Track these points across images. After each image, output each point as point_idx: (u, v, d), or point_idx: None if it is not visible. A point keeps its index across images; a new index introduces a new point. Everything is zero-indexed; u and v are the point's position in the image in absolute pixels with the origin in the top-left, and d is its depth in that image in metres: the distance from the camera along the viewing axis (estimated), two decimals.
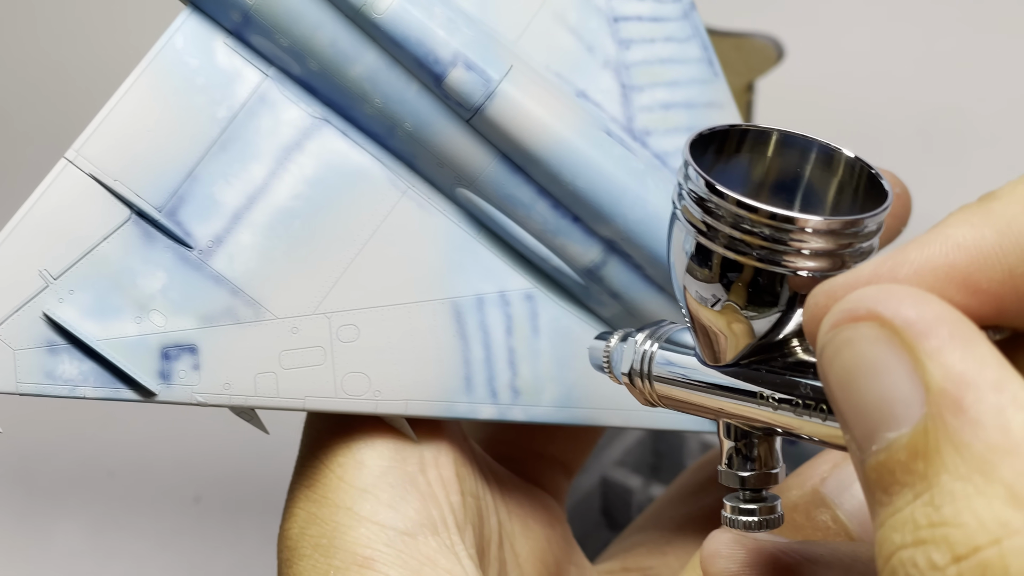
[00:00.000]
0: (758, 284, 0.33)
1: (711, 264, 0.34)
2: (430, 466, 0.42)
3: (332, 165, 0.42)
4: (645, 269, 0.43)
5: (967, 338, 0.27)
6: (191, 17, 0.41)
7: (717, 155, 0.35)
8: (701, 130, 0.35)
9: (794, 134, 0.36)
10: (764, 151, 0.36)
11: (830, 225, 0.32)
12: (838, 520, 0.39)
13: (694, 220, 0.34)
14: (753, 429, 0.35)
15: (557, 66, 0.43)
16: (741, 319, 0.34)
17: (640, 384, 0.38)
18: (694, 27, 0.45)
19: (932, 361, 0.27)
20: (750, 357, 0.35)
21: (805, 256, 0.32)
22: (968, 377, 0.26)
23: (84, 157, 0.40)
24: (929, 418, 0.26)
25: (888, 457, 0.27)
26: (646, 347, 0.38)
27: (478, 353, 0.42)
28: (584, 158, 0.42)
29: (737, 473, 0.36)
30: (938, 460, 0.26)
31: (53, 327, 0.39)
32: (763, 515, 0.36)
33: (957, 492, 0.25)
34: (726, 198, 0.33)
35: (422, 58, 0.41)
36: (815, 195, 0.36)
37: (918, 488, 0.26)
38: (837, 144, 0.35)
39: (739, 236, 0.33)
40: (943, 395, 0.26)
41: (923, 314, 0.27)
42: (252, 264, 0.41)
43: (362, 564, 0.39)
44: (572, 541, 0.47)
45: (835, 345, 0.28)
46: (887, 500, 0.27)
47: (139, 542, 0.69)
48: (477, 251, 0.43)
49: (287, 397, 0.41)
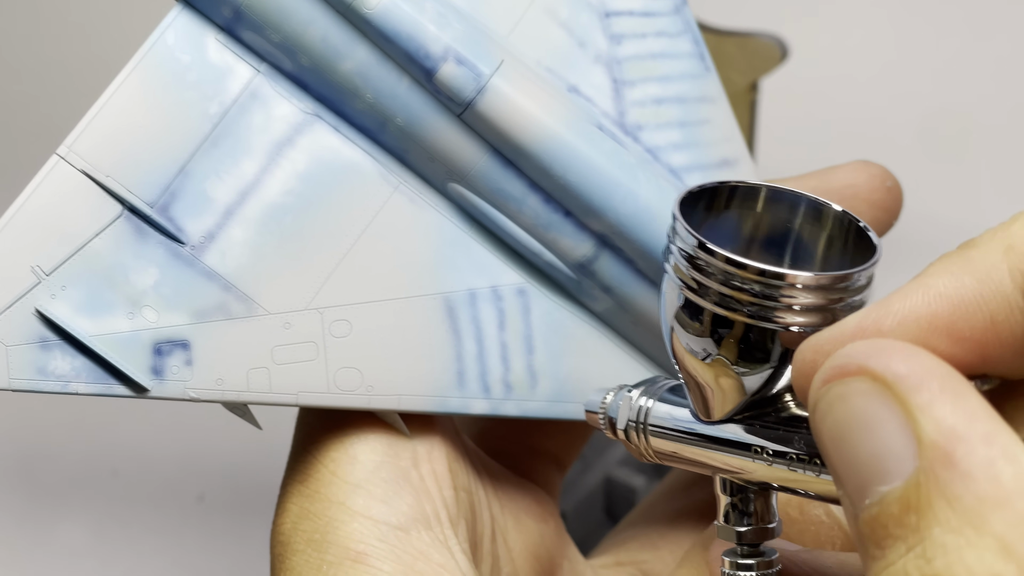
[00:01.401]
0: (749, 340, 0.33)
1: (702, 319, 0.34)
2: (423, 461, 0.42)
3: (324, 160, 0.42)
4: (637, 263, 0.43)
5: (957, 391, 0.27)
6: (182, 13, 0.41)
7: (707, 211, 0.36)
8: (691, 187, 0.35)
9: (783, 189, 0.36)
10: (753, 206, 0.36)
11: (819, 280, 0.32)
12: (831, 514, 0.39)
13: (684, 277, 0.34)
14: (749, 484, 0.36)
15: (548, 61, 0.43)
16: (731, 374, 0.34)
17: (636, 440, 0.38)
18: (685, 22, 0.45)
19: (923, 415, 0.27)
20: (744, 412, 0.35)
21: (796, 312, 0.33)
22: (959, 430, 0.26)
23: (76, 153, 0.40)
24: (921, 471, 0.27)
25: (881, 511, 0.27)
26: (641, 402, 0.38)
27: (470, 348, 0.42)
28: (575, 152, 0.42)
29: (734, 528, 0.36)
30: (930, 513, 0.26)
31: (45, 323, 0.39)
32: (761, 570, 0.36)
33: (949, 545, 0.26)
34: (715, 255, 0.33)
35: (413, 53, 0.41)
36: (805, 249, 0.36)
37: (911, 541, 0.26)
38: (825, 199, 0.35)
39: (729, 293, 0.33)
40: (935, 448, 0.26)
41: (913, 368, 0.27)
42: (244, 260, 0.41)
43: (355, 559, 0.39)
44: (565, 535, 0.47)
45: (827, 401, 0.29)
46: (880, 554, 0.27)
47: (142, 540, 0.69)
48: (469, 246, 0.43)
49: (280, 392, 0.41)
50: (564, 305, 0.44)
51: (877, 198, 0.44)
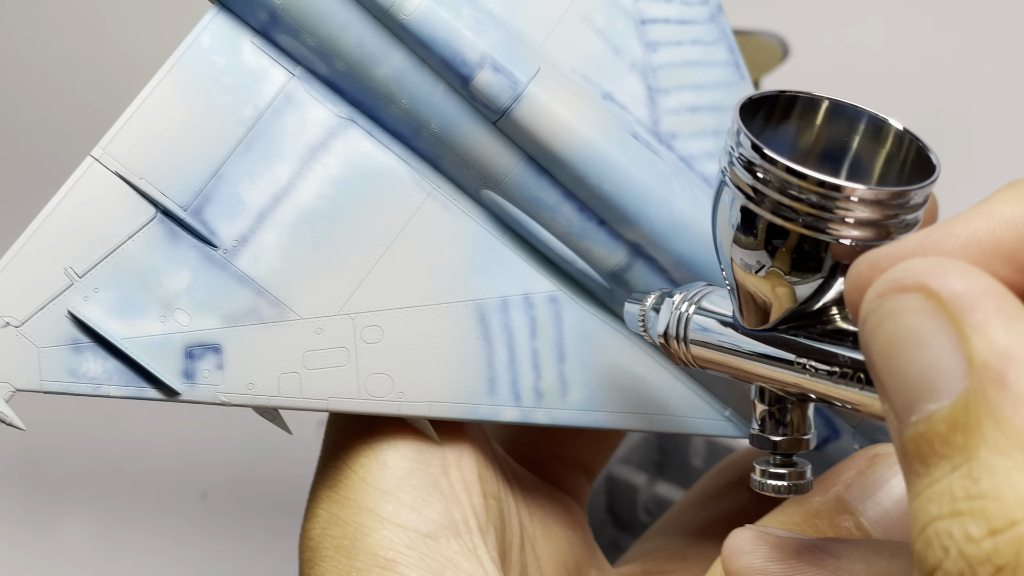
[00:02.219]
0: (802, 250, 0.33)
1: (756, 230, 0.34)
2: (453, 468, 0.41)
3: (357, 165, 0.41)
4: (670, 273, 0.43)
5: (1012, 314, 0.27)
6: (218, 16, 0.41)
7: (766, 121, 0.35)
8: (751, 94, 0.35)
9: (844, 103, 0.35)
10: (813, 119, 0.36)
11: (877, 195, 0.32)
12: (862, 527, 0.39)
13: (742, 185, 0.33)
14: (787, 395, 0.35)
15: (584, 68, 0.43)
16: (784, 283, 0.34)
17: (676, 346, 0.38)
18: (721, 30, 0.45)
19: (976, 334, 0.26)
20: (789, 323, 0.34)
21: (850, 225, 0.32)
22: (1012, 352, 0.26)
23: (110, 155, 0.40)
24: (971, 391, 0.26)
25: (927, 428, 0.27)
26: (682, 309, 0.38)
27: (502, 355, 0.42)
28: (610, 161, 0.42)
29: (769, 437, 0.36)
30: (978, 433, 0.26)
31: (78, 325, 0.39)
32: (792, 480, 0.36)
33: (996, 466, 0.25)
34: (775, 163, 0.33)
35: (449, 59, 0.41)
36: (862, 166, 0.36)
37: (956, 460, 0.26)
38: (886, 116, 0.35)
39: (786, 202, 0.33)
40: (986, 369, 0.26)
41: (969, 287, 0.27)
42: (277, 264, 0.41)
43: (384, 566, 0.39)
44: (593, 544, 0.47)
45: (879, 315, 0.28)
46: (924, 471, 0.27)
47: (145, 538, 0.69)
48: (502, 253, 0.43)
49: (310, 398, 0.41)
50: (596, 314, 0.43)
51: None
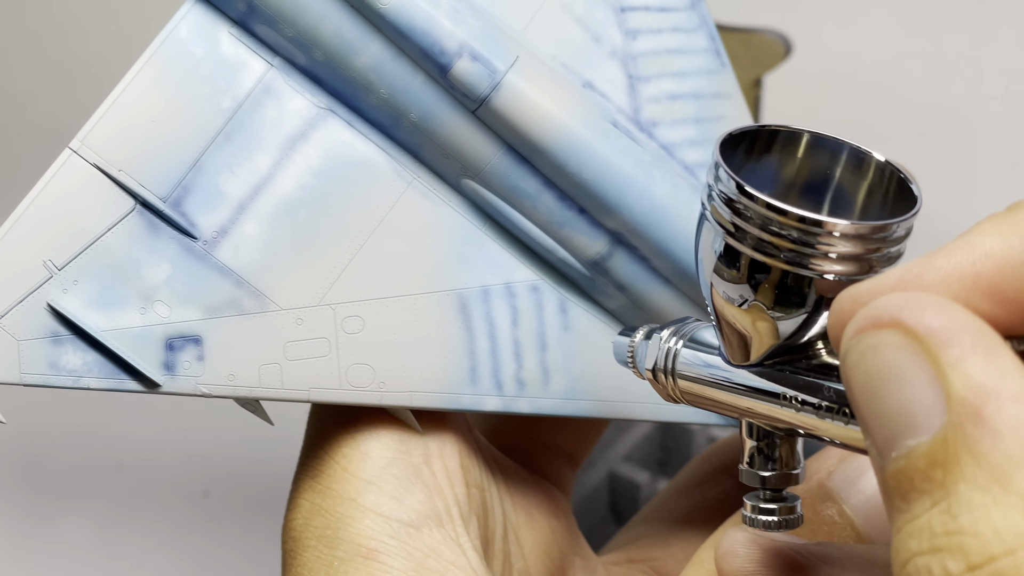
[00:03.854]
0: (785, 286, 0.33)
1: (739, 265, 0.33)
2: (435, 457, 0.41)
3: (337, 155, 0.41)
4: (651, 261, 0.43)
5: (990, 348, 0.27)
6: (196, 6, 0.41)
7: (747, 155, 0.35)
8: (731, 130, 0.35)
9: (825, 136, 0.35)
10: (794, 152, 0.36)
11: (858, 229, 0.32)
12: (844, 515, 0.39)
13: (723, 221, 0.33)
14: (775, 429, 0.35)
15: (564, 57, 0.43)
16: (767, 319, 0.34)
17: (664, 380, 0.38)
18: (701, 17, 0.45)
19: (954, 370, 0.27)
20: (774, 358, 0.35)
21: (832, 260, 0.32)
22: (989, 387, 0.26)
23: (88, 147, 0.40)
24: (949, 427, 0.26)
25: (907, 464, 0.27)
26: (671, 344, 0.38)
27: (483, 345, 0.42)
28: (590, 149, 0.42)
29: (758, 472, 0.36)
30: (957, 469, 0.26)
31: (57, 318, 0.39)
32: (783, 515, 0.36)
33: (974, 501, 0.26)
34: (755, 200, 0.32)
35: (427, 49, 0.41)
36: (844, 198, 0.35)
37: (936, 496, 0.26)
38: (868, 147, 0.35)
39: (767, 238, 0.33)
40: (964, 404, 0.26)
41: (946, 323, 0.27)
42: (257, 255, 0.41)
43: (366, 556, 0.39)
44: (577, 532, 0.47)
45: (858, 351, 0.28)
46: (905, 507, 0.27)
47: (147, 536, 0.69)
48: (483, 242, 0.43)
49: (292, 388, 0.41)
50: (578, 302, 0.43)
51: None
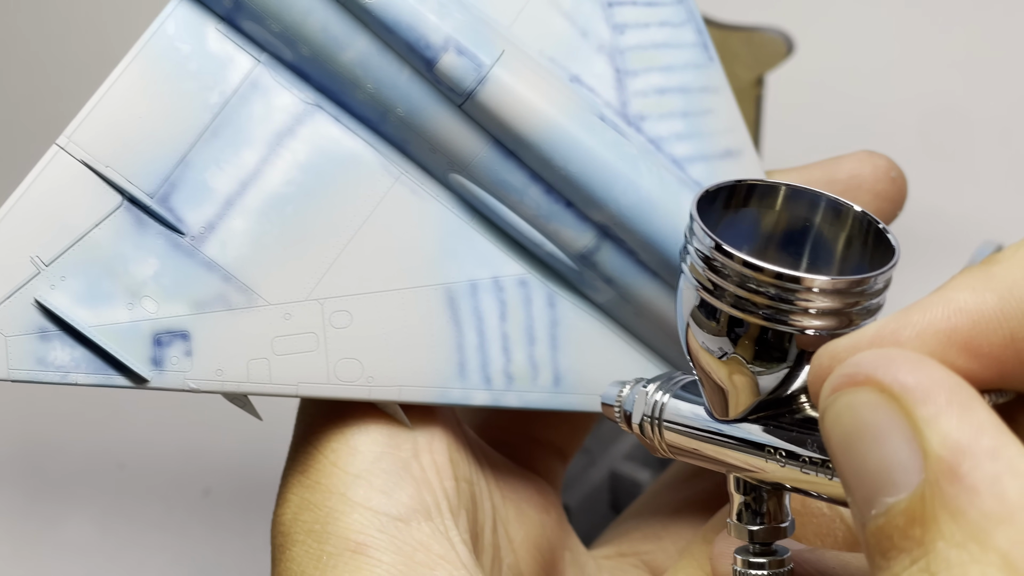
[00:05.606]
0: (765, 341, 0.33)
1: (718, 319, 0.34)
2: (424, 452, 0.41)
3: (325, 151, 0.41)
4: (639, 254, 0.43)
5: (965, 404, 0.27)
6: (182, 3, 0.41)
7: (725, 208, 0.35)
8: (708, 187, 0.35)
9: (802, 188, 0.36)
10: (772, 204, 0.36)
11: (836, 285, 0.32)
12: (833, 508, 0.39)
13: (700, 278, 0.34)
14: (762, 483, 0.35)
15: (551, 51, 0.43)
16: (747, 373, 0.34)
17: (651, 434, 0.38)
18: (689, 12, 0.45)
19: (929, 428, 0.27)
20: (759, 412, 0.35)
21: (812, 315, 0.32)
22: (964, 444, 0.26)
23: (75, 143, 0.40)
24: (926, 484, 0.26)
25: (886, 522, 0.27)
26: (657, 397, 0.38)
27: (472, 339, 0.42)
28: (576, 143, 0.42)
29: (747, 527, 0.36)
30: (935, 527, 0.26)
31: (45, 314, 0.39)
32: (772, 569, 0.36)
33: (952, 559, 0.26)
34: (732, 257, 0.32)
35: (413, 43, 0.41)
36: (824, 247, 0.36)
37: (915, 554, 0.26)
38: (845, 200, 0.35)
39: (745, 295, 0.33)
40: (940, 462, 0.26)
41: (920, 380, 0.27)
42: (244, 250, 0.41)
43: (355, 550, 0.39)
44: (567, 526, 0.47)
45: (835, 409, 0.28)
46: (885, 565, 0.27)
47: (148, 534, 0.69)
48: (470, 237, 0.43)
49: (280, 383, 0.41)
50: (566, 296, 0.43)
51: (881, 188, 0.44)
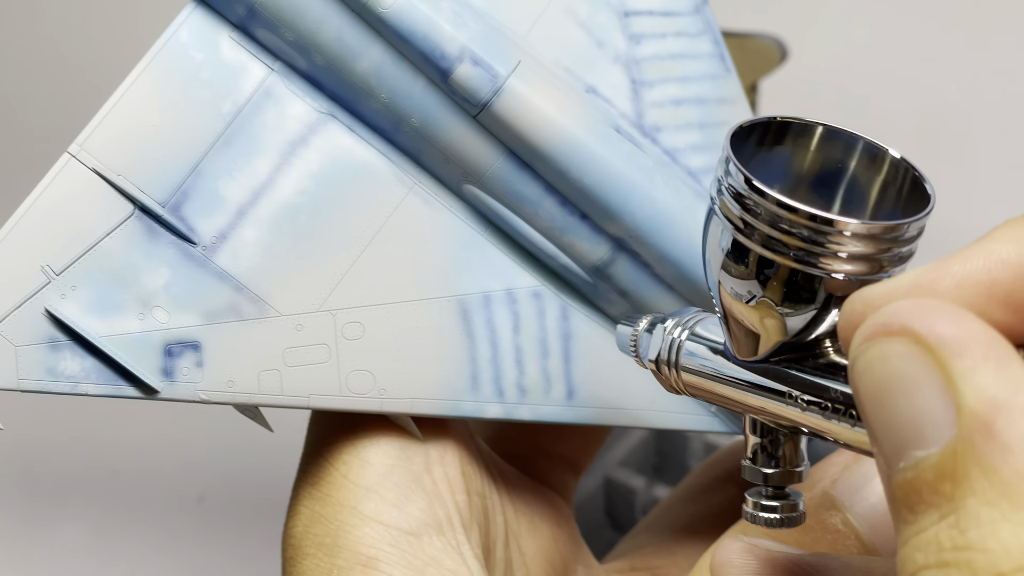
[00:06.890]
0: (794, 283, 0.32)
1: (747, 261, 0.33)
2: (436, 465, 0.41)
3: (338, 160, 0.41)
4: (654, 267, 0.43)
5: (1002, 359, 0.26)
6: (196, 11, 0.41)
7: (758, 146, 0.34)
8: (742, 121, 0.34)
9: (839, 129, 0.35)
10: (807, 144, 0.35)
11: (870, 229, 0.31)
12: (848, 523, 0.39)
13: (731, 216, 0.33)
14: (779, 427, 0.35)
15: (566, 61, 0.43)
16: (775, 315, 0.33)
17: (667, 372, 0.37)
18: (706, 22, 0.45)
19: (965, 382, 0.26)
20: (781, 355, 0.34)
21: (843, 259, 0.32)
22: (1000, 400, 0.26)
23: (87, 152, 0.39)
24: (959, 440, 0.26)
25: (915, 476, 0.27)
26: (675, 335, 0.37)
27: (484, 351, 0.42)
28: (592, 155, 0.41)
29: (761, 470, 0.35)
30: (966, 483, 0.26)
31: (55, 323, 0.39)
32: (785, 512, 0.35)
33: (983, 517, 0.25)
34: (765, 196, 0.32)
35: (428, 53, 0.40)
36: (857, 192, 0.35)
37: (944, 509, 0.26)
38: (884, 143, 0.34)
39: (777, 235, 0.32)
40: (974, 418, 0.26)
41: (958, 332, 0.27)
42: (256, 260, 0.40)
43: (366, 564, 0.39)
44: (580, 540, 0.47)
45: (867, 359, 0.28)
46: (912, 519, 0.27)
47: (143, 541, 0.69)
48: (484, 248, 0.42)
49: (291, 395, 0.40)
50: (580, 309, 0.43)
51: None
